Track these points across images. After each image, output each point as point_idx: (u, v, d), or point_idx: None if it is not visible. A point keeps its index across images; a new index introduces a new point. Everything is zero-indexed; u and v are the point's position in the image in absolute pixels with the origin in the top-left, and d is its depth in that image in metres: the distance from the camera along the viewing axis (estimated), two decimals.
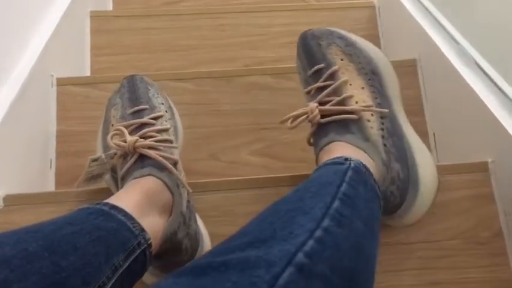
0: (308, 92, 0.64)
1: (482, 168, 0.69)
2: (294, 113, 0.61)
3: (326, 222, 0.40)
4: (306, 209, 0.41)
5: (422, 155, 0.61)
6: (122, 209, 0.48)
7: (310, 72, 0.64)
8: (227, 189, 0.67)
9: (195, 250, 0.58)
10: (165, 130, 0.61)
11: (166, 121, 0.62)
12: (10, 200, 0.66)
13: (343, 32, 0.66)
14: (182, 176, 0.59)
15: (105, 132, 0.65)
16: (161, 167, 0.56)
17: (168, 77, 0.93)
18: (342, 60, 0.62)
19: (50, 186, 0.85)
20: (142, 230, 0.48)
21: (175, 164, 0.58)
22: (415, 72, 0.96)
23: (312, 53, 0.64)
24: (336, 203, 0.43)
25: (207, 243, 0.61)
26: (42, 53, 0.87)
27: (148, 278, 0.59)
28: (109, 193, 0.64)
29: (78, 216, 0.45)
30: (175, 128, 0.65)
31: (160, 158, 0.56)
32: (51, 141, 0.87)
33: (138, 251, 0.47)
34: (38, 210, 0.66)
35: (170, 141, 0.60)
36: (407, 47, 1.03)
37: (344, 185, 0.46)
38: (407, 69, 0.96)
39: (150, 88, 0.65)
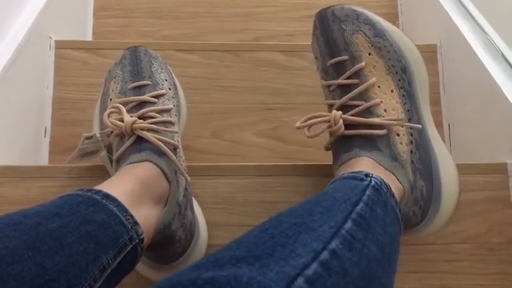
0: (328, 86, 0.56)
1: (501, 169, 0.65)
2: (312, 120, 0.54)
3: (334, 244, 0.35)
4: (313, 226, 0.36)
5: (445, 164, 0.55)
6: (115, 198, 0.44)
7: (331, 61, 0.56)
8: (229, 175, 0.63)
9: (189, 241, 0.55)
10: (167, 110, 0.56)
11: (168, 100, 0.58)
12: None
13: (370, 16, 0.57)
14: (182, 162, 0.55)
15: (103, 107, 0.60)
16: (159, 152, 0.52)
17: (173, 46, 0.88)
18: (369, 54, 0.54)
19: (44, 155, 0.81)
20: (136, 223, 0.44)
21: (175, 149, 0.54)
22: (434, 58, 0.91)
23: (333, 38, 0.56)
24: (349, 224, 0.38)
25: (203, 233, 0.58)
26: (41, 12, 0.82)
27: (142, 269, 0.56)
28: (103, 170, 0.61)
29: (67, 205, 0.42)
30: (178, 107, 0.60)
31: (159, 143, 0.52)
32: (46, 108, 0.83)
33: (130, 247, 0.43)
34: (28, 184, 0.62)
35: (171, 123, 0.56)
36: (428, 31, 0.97)
37: (361, 204, 0.41)
38: (426, 55, 0.89)
39: (154, 62, 0.61)
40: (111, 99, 0.59)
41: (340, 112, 0.53)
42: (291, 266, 0.31)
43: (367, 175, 0.47)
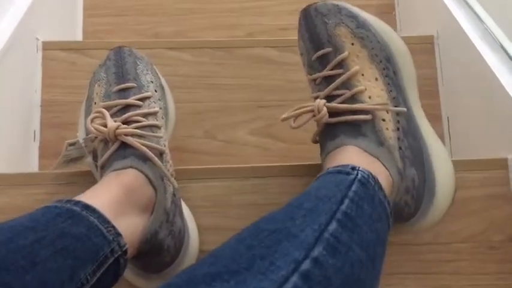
0: (313, 80, 0.56)
1: (501, 165, 0.63)
2: (297, 111, 0.53)
3: (317, 251, 0.33)
4: (294, 232, 0.34)
5: (437, 153, 0.54)
6: (95, 209, 0.42)
7: (315, 55, 0.55)
8: (219, 178, 0.61)
9: (178, 249, 0.53)
10: (153, 114, 0.54)
11: (154, 102, 0.56)
12: None
13: (353, 9, 0.57)
14: (169, 167, 0.54)
15: (88, 111, 0.59)
16: (144, 158, 0.50)
17: (164, 45, 0.86)
18: (352, 44, 0.54)
19: (34, 160, 0.80)
20: (118, 234, 0.43)
21: (161, 154, 0.53)
22: (432, 50, 0.88)
23: (316, 33, 0.56)
24: (333, 225, 0.36)
25: (194, 239, 0.56)
26: (27, 13, 0.80)
27: (132, 278, 0.54)
28: (90, 176, 0.59)
29: (44, 218, 0.40)
30: (166, 109, 0.59)
31: (144, 148, 0.50)
32: (35, 111, 0.81)
33: (111, 260, 0.41)
34: (14, 192, 0.61)
35: (157, 127, 0.54)
36: (425, 22, 0.95)
37: (346, 201, 0.39)
38: (423, 47, 0.88)
39: (139, 63, 0.59)
40: (95, 103, 0.57)
41: (323, 101, 0.52)
42: (270, 281, 0.29)
43: (353, 168, 0.45)
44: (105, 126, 0.51)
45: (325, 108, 0.51)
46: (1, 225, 0.38)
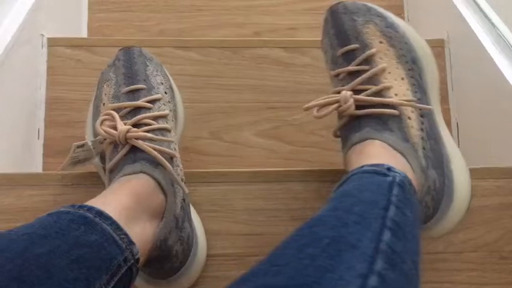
0: (336, 75, 0.54)
1: None
2: (322, 100, 0.52)
3: (379, 264, 0.31)
4: (352, 241, 0.33)
5: (457, 161, 0.54)
6: (108, 215, 0.41)
7: (340, 51, 0.54)
8: (228, 182, 0.60)
9: (187, 255, 0.52)
10: (163, 116, 0.53)
11: (164, 104, 0.55)
12: None
13: (382, 10, 0.56)
14: (179, 171, 0.52)
15: (96, 112, 0.57)
16: (155, 163, 0.49)
17: (171, 43, 0.84)
18: (380, 42, 0.53)
19: (37, 158, 0.79)
20: (130, 242, 0.41)
21: (171, 158, 0.51)
22: (442, 54, 0.87)
23: (344, 29, 0.55)
24: (387, 234, 0.34)
25: (202, 244, 0.55)
26: (32, 8, 0.79)
27: (140, 284, 0.53)
28: (96, 178, 0.58)
29: (57, 225, 0.38)
30: (175, 111, 0.57)
31: (155, 153, 0.49)
32: (39, 109, 0.80)
33: (124, 269, 0.40)
34: (19, 192, 0.59)
35: (168, 130, 0.53)
36: (435, 25, 0.94)
37: (392, 208, 0.38)
38: (433, 50, 0.87)
39: (148, 64, 0.57)
40: (103, 104, 0.56)
41: (350, 92, 0.51)
42: None
43: (389, 169, 0.44)
44: (115, 128, 0.50)
45: (352, 99, 0.50)
46: (14, 233, 0.37)
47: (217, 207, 0.59)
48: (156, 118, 0.52)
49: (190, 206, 0.57)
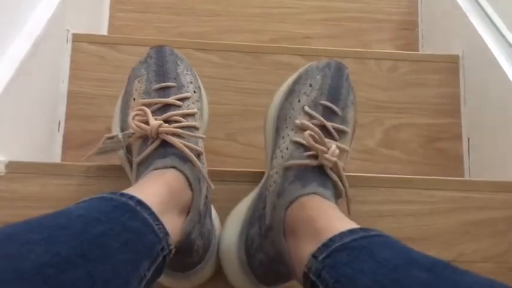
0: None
1: None
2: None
3: None
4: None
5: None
6: (147, 205, 0.42)
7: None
8: (246, 181, 0.62)
9: (206, 251, 0.54)
10: (192, 115, 0.55)
11: (193, 103, 0.56)
12: (14, 167, 0.61)
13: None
14: (204, 168, 0.54)
15: (125, 106, 0.59)
16: (184, 159, 0.50)
17: (192, 45, 0.86)
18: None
19: (57, 150, 0.80)
20: (166, 233, 0.43)
21: (199, 155, 0.53)
22: (456, 69, 0.89)
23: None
24: None
25: (218, 237, 0.57)
26: (59, 4, 0.81)
27: (163, 280, 0.55)
28: (120, 170, 0.60)
29: (105, 209, 0.40)
30: (201, 111, 0.59)
31: (185, 148, 0.50)
32: (61, 102, 0.82)
33: (161, 257, 0.41)
34: (43, 181, 0.61)
35: (196, 128, 0.54)
36: (450, 41, 0.96)
37: None
38: (447, 65, 0.90)
39: (179, 63, 0.59)
40: (134, 99, 0.57)
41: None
42: None
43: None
44: (147, 123, 0.51)
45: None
46: (69, 213, 0.38)
47: (234, 205, 0.61)
48: (185, 116, 0.54)
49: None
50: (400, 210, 0.62)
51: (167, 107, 0.54)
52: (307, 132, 0.50)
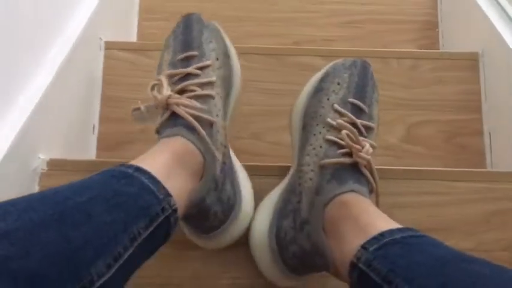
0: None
1: None
2: None
3: None
4: None
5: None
6: (146, 170, 0.45)
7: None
8: (273, 175, 0.65)
9: (227, 215, 0.56)
10: (209, 83, 0.56)
11: (213, 71, 0.57)
12: (54, 164, 0.65)
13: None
14: (219, 137, 0.55)
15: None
16: (192, 128, 0.52)
17: None
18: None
19: (92, 151, 0.85)
20: (168, 194, 0.45)
21: (211, 124, 0.54)
22: (476, 66, 0.90)
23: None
24: None
25: (247, 206, 0.59)
26: (93, 14, 0.86)
27: (188, 234, 0.59)
28: None
29: (99, 179, 0.43)
30: (229, 77, 0.60)
31: (190, 118, 0.51)
32: (95, 106, 0.86)
33: (162, 218, 0.44)
34: (78, 178, 0.64)
35: (211, 97, 0.55)
36: (470, 39, 0.97)
37: None
38: (467, 63, 0.91)
39: (204, 31, 0.60)
40: (163, 70, 0.59)
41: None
42: None
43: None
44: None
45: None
46: (60, 187, 0.41)
47: (263, 197, 0.63)
48: (202, 85, 0.55)
49: (243, 171, 0.61)
50: (419, 201, 0.63)
51: (188, 76, 0.56)
52: (345, 131, 0.52)
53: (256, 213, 0.60)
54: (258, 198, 0.62)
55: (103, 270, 0.36)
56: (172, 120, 0.53)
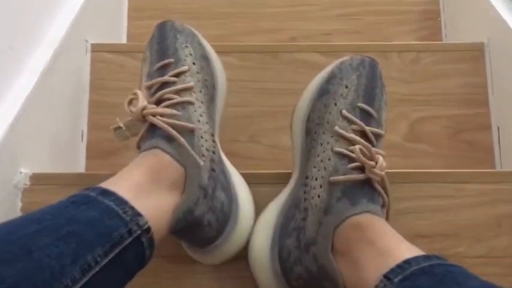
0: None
1: None
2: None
3: None
4: None
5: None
6: (113, 192, 0.43)
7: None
8: (270, 183, 0.61)
9: (223, 224, 0.52)
10: (187, 89, 0.54)
11: (191, 76, 0.55)
12: (37, 178, 0.62)
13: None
14: (203, 143, 0.52)
15: None
16: (170, 137, 0.50)
17: None
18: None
19: (81, 160, 0.81)
20: (137, 214, 0.43)
21: (191, 131, 0.52)
22: (482, 57, 0.86)
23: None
24: None
25: (246, 212, 0.55)
26: (77, 16, 0.82)
27: (187, 251, 0.56)
28: None
29: (55, 208, 0.41)
30: (212, 79, 0.58)
31: (167, 127, 0.50)
32: (83, 112, 0.83)
33: (129, 240, 0.42)
34: (68, 191, 0.60)
35: (190, 103, 0.53)
36: (474, 29, 0.93)
37: None
38: (472, 54, 0.87)
39: (178, 37, 0.58)
40: (142, 83, 0.58)
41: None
42: None
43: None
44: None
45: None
46: (9, 221, 0.40)
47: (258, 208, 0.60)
48: (178, 92, 0.53)
49: (239, 175, 0.58)
50: (427, 206, 0.60)
51: (164, 85, 0.54)
52: (358, 146, 0.49)
53: (255, 227, 0.56)
54: (255, 209, 0.58)
55: None
56: (151, 132, 0.51)
